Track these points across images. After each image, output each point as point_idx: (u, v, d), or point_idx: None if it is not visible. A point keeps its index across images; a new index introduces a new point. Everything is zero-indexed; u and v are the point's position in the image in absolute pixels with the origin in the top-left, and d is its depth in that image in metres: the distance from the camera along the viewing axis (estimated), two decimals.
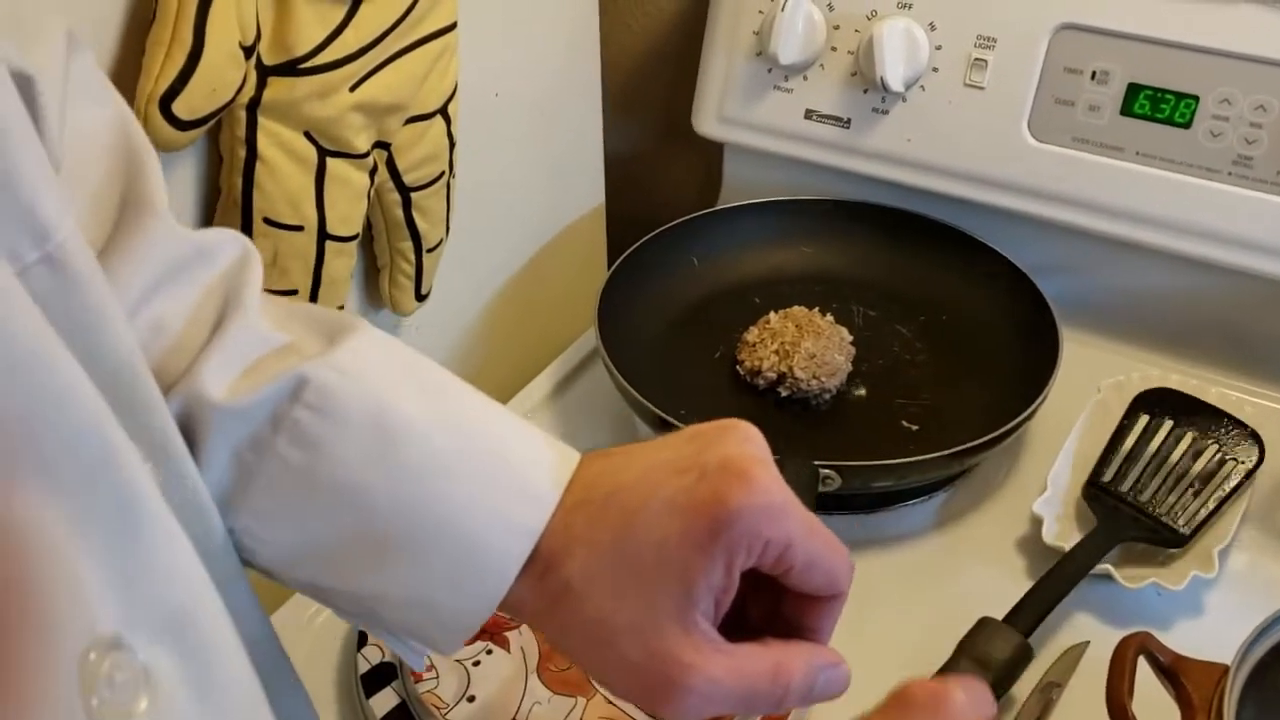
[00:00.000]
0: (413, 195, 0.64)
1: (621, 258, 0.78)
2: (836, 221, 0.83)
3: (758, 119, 0.83)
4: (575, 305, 0.74)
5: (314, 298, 0.59)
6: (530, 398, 0.77)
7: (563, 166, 0.85)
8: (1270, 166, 0.68)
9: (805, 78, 0.80)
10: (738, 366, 0.75)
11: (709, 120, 0.85)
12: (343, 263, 0.60)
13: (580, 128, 0.86)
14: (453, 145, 0.65)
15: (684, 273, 0.82)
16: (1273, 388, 0.74)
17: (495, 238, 0.80)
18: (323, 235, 0.58)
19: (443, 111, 0.63)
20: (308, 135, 0.56)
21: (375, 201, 0.63)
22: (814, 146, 0.82)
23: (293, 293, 0.58)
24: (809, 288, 0.81)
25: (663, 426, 0.66)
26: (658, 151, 1.01)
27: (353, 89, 0.57)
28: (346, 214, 0.59)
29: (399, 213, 0.64)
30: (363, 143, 0.59)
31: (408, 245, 0.66)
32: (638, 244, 0.79)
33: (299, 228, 0.57)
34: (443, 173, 0.65)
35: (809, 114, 0.81)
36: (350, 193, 0.59)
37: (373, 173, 0.61)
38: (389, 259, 0.66)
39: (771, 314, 0.76)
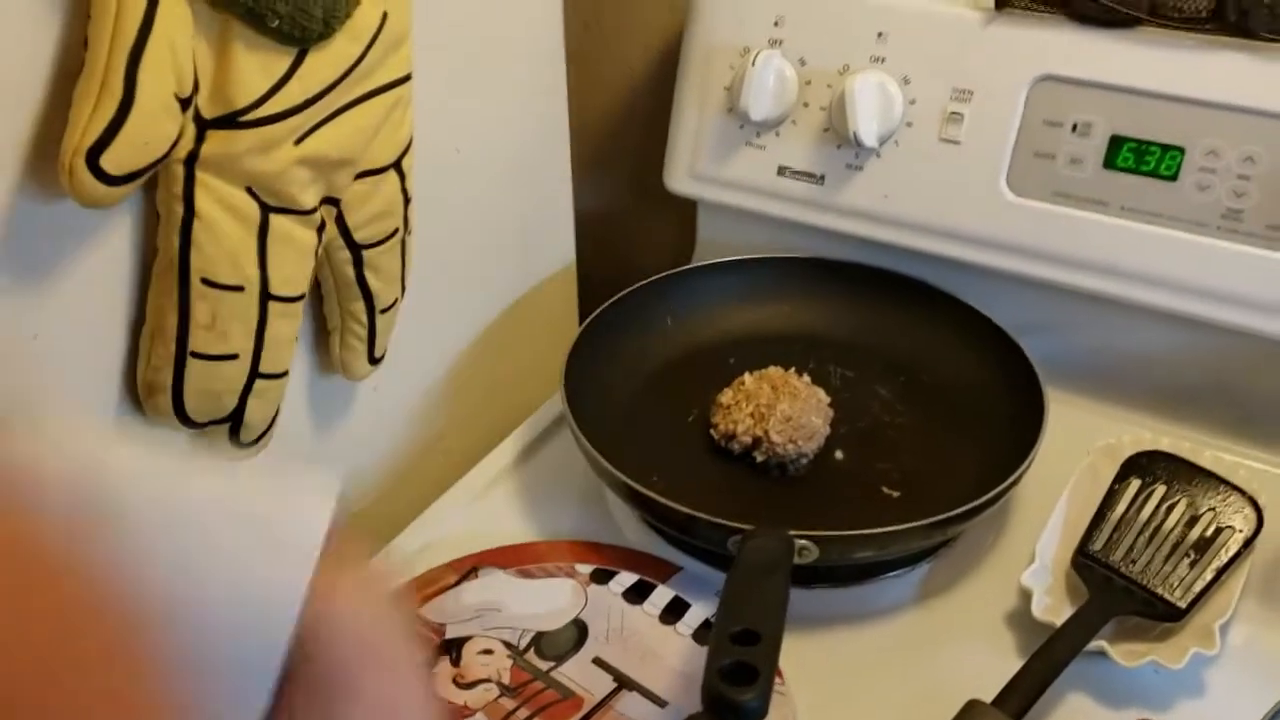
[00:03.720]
0: (364, 253, 0.61)
1: (590, 317, 0.75)
2: (813, 280, 0.80)
3: (730, 176, 0.80)
4: (544, 368, 0.71)
5: (256, 361, 0.56)
6: (494, 465, 0.73)
7: (531, 225, 0.83)
8: (1260, 219, 0.66)
9: (777, 134, 0.78)
10: (711, 430, 0.71)
11: (681, 177, 0.82)
12: (287, 324, 0.57)
13: (549, 185, 0.84)
14: (407, 201, 0.62)
15: (656, 333, 0.79)
16: (1269, 450, 0.71)
17: (459, 298, 0.77)
18: (265, 296, 0.55)
19: (396, 166, 0.61)
20: (250, 191, 0.53)
21: (324, 260, 0.60)
22: (788, 203, 0.79)
23: (233, 357, 0.55)
24: (785, 347, 0.78)
25: (633, 496, 0.63)
26: (630, 210, 0.98)
27: (298, 142, 0.54)
28: (291, 273, 0.56)
29: (350, 271, 0.61)
30: (309, 198, 0.56)
31: (359, 306, 0.63)
32: (607, 303, 0.76)
33: (239, 288, 0.54)
34: (396, 230, 0.62)
35: (782, 170, 0.79)
36: (295, 251, 0.56)
37: (321, 230, 0.58)
38: (340, 320, 0.63)
39: (746, 375, 0.73)
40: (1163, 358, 0.74)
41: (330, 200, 0.58)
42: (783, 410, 0.69)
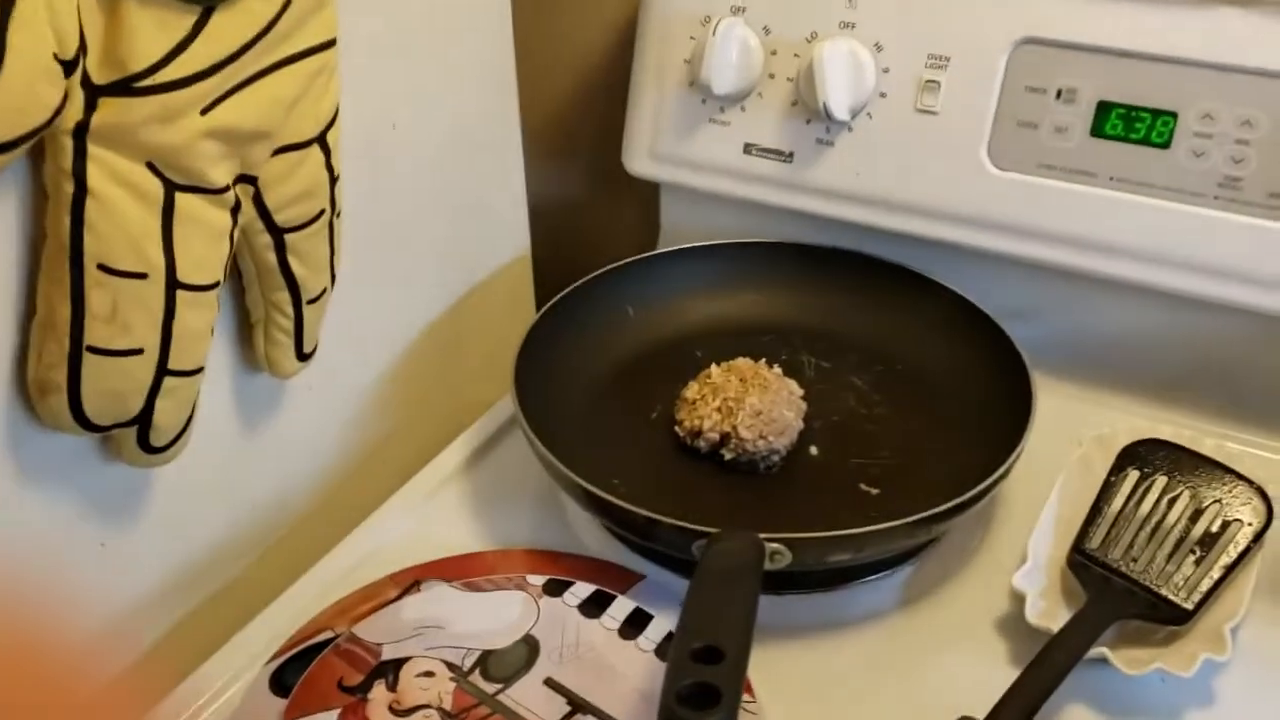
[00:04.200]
0: (287, 237, 0.55)
1: (543, 310, 0.70)
2: (783, 265, 0.75)
3: (693, 155, 0.75)
4: (498, 366, 0.65)
5: (164, 357, 0.50)
6: (441, 470, 0.68)
7: (480, 212, 0.77)
8: (1260, 187, 0.61)
9: (743, 108, 0.73)
10: (676, 427, 0.66)
11: (640, 158, 0.77)
12: (199, 315, 0.51)
13: (499, 168, 0.78)
14: (334, 180, 0.57)
15: (617, 325, 0.73)
16: (1274, 438, 0.66)
17: (402, 290, 0.71)
18: (172, 283, 0.50)
19: (320, 141, 0.55)
20: (151, 167, 0.48)
21: (243, 245, 0.55)
22: (755, 183, 0.74)
23: (137, 352, 0.49)
24: (755, 338, 0.73)
25: (590, 500, 0.58)
26: (590, 197, 0.93)
27: (204, 112, 0.48)
28: (202, 258, 0.51)
29: (271, 257, 0.56)
30: (220, 175, 0.50)
31: (284, 296, 0.57)
32: (562, 294, 0.71)
33: (142, 275, 0.49)
34: (322, 211, 0.56)
35: (748, 148, 0.73)
36: (206, 233, 0.51)
37: (236, 211, 0.52)
38: (263, 312, 0.58)
39: (713, 367, 0.68)
40: (1158, 340, 0.69)
41: (246, 178, 0.52)
42: (752, 404, 0.64)
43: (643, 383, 0.70)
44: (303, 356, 0.60)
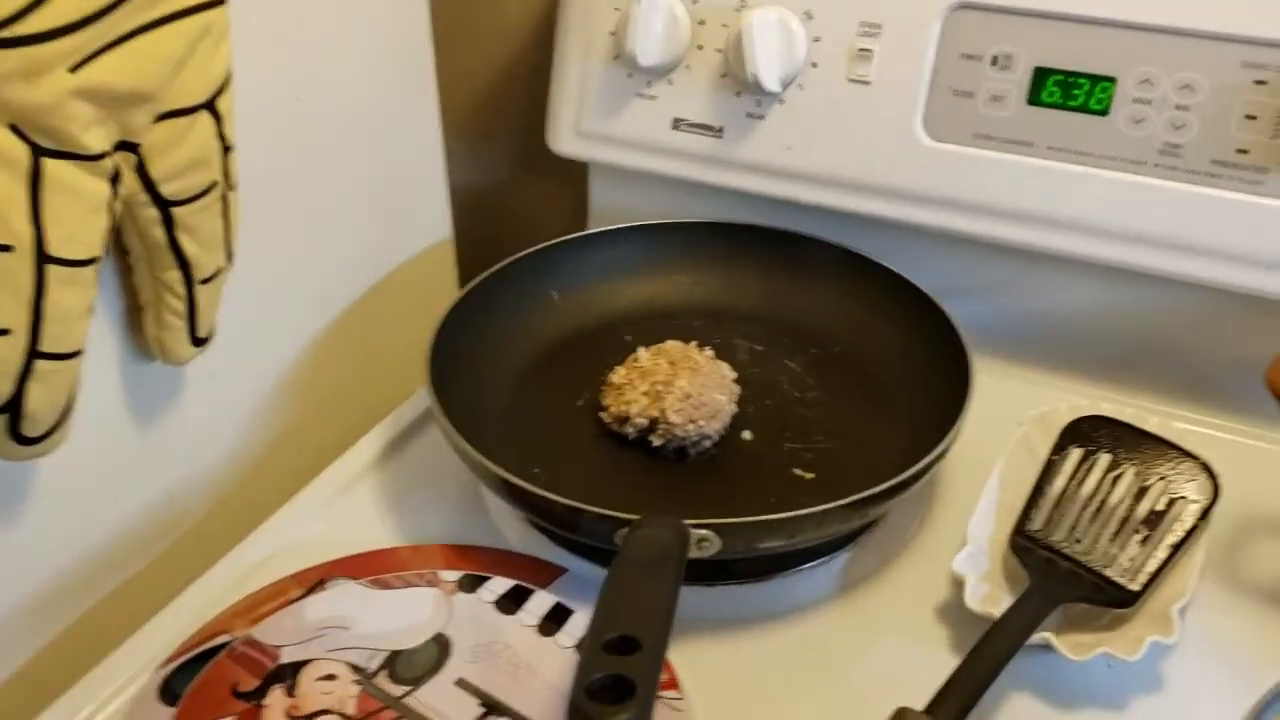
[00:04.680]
0: (174, 211, 0.51)
1: (460, 294, 0.66)
2: (714, 246, 0.72)
3: (620, 132, 0.72)
4: (418, 355, 0.62)
5: (35, 338, 0.46)
6: (353, 464, 0.64)
7: (396, 192, 0.74)
8: (1202, 154, 0.59)
9: (670, 82, 0.70)
10: (602, 414, 0.63)
11: (566, 137, 0.74)
12: (74, 294, 0.47)
13: (415, 146, 0.75)
14: (228, 150, 0.53)
15: (541, 310, 0.70)
16: (1219, 414, 0.64)
17: (312, 273, 0.68)
18: (42, 257, 0.46)
19: (210, 107, 0.51)
20: (15, 129, 0.44)
21: (127, 219, 0.51)
22: (684, 160, 0.71)
23: (3, 332, 0.45)
24: (686, 322, 0.70)
25: (508, 490, 0.54)
26: (517, 179, 0.90)
27: (75, 69, 0.44)
28: (75, 231, 0.47)
29: (159, 233, 0.52)
30: (95, 140, 0.46)
31: (174, 275, 0.53)
32: (481, 277, 0.67)
33: (7, 247, 0.44)
34: (214, 183, 0.53)
35: (677, 123, 0.71)
36: (80, 204, 0.47)
37: (116, 181, 0.48)
38: (153, 293, 0.54)
39: (641, 350, 0.65)
40: (1100, 316, 0.67)
41: (127, 146, 0.49)
42: (681, 387, 0.61)
43: (568, 369, 0.67)
44: (198, 341, 0.56)
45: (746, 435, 0.63)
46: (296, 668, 0.49)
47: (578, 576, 0.55)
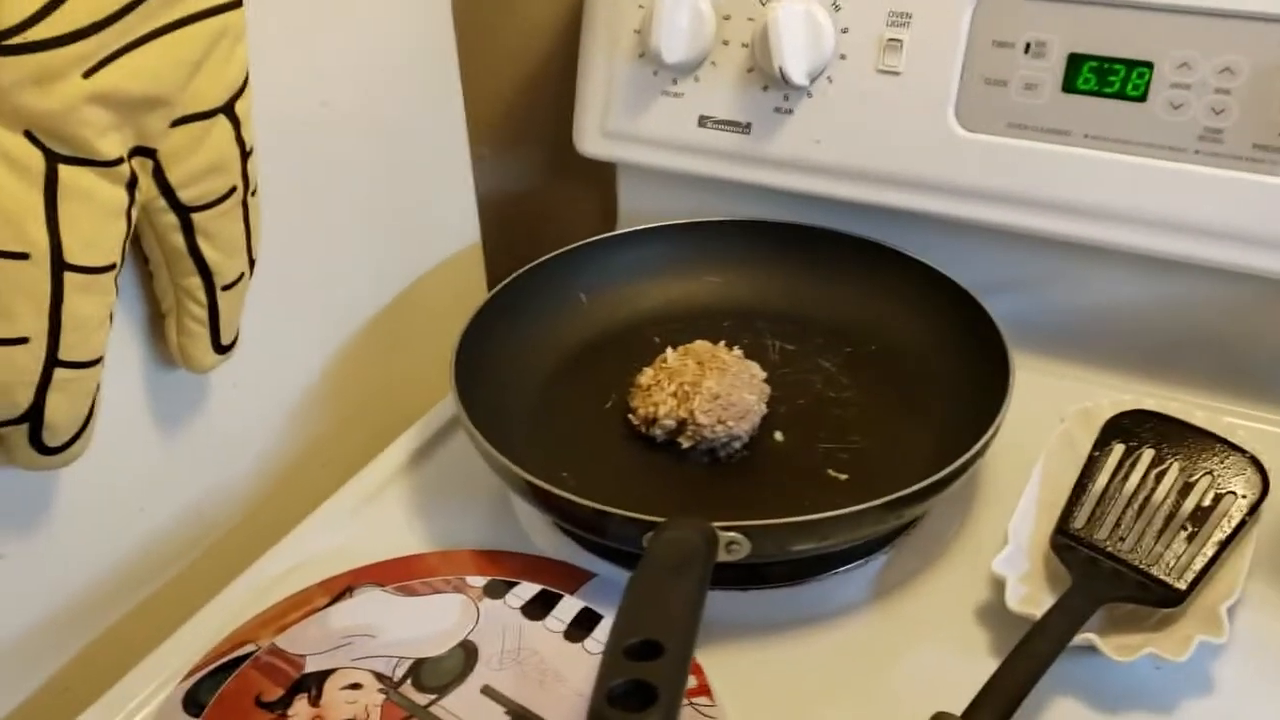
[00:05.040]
0: (194, 217, 0.51)
1: (487, 298, 0.65)
2: (744, 244, 0.71)
3: (647, 131, 0.71)
4: (446, 362, 0.61)
5: (54, 347, 0.46)
6: (381, 471, 0.63)
7: (424, 198, 0.73)
8: (1243, 139, 0.57)
9: (696, 79, 0.69)
10: (630, 416, 0.62)
11: (592, 137, 0.73)
12: (93, 301, 0.47)
13: (442, 152, 0.74)
14: (247, 154, 0.52)
15: (568, 313, 0.69)
16: (1267, 407, 0.62)
17: (339, 280, 0.67)
18: (59, 265, 0.45)
19: (228, 111, 0.51)
20: (30, 136, 0.44)
21: (146, 226, 0.51)
22: (712, 158, 0.70)
23: (22, 341, 0.45)
24: (716, 322, 0.69)
25: (535, 494, 0.53)
26: (547, 183, 0.89)
27: (88, 75, 0.44)
28: (93, 238, 0.46)
29: (179, 239, 0.51)
30: (110, 147, 0.46)
31: (195, 281, 0.53)
32: (507, 281, 0.67)
33: (23, 255, 0.44)
34: (234, 188, 0.52)
35: (703, 121, 0.69)
36: (97, 210, 0.46)
37: (133, 187, 0.48)
38: (174, 300, 0.53)
39: (669, 351, 0.64)
40: (1142, 308, 0.65)
41: (144, 151, 0.48)
42: (709, 387, 0.60)
43: (596, 371, 0.66)
44: (220, 349, 0.56)
45: (778, 436, 0.61)
46: (321, 677, 0.48)
47: (607, 581, 0.54)
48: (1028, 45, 0.61)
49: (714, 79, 0.68)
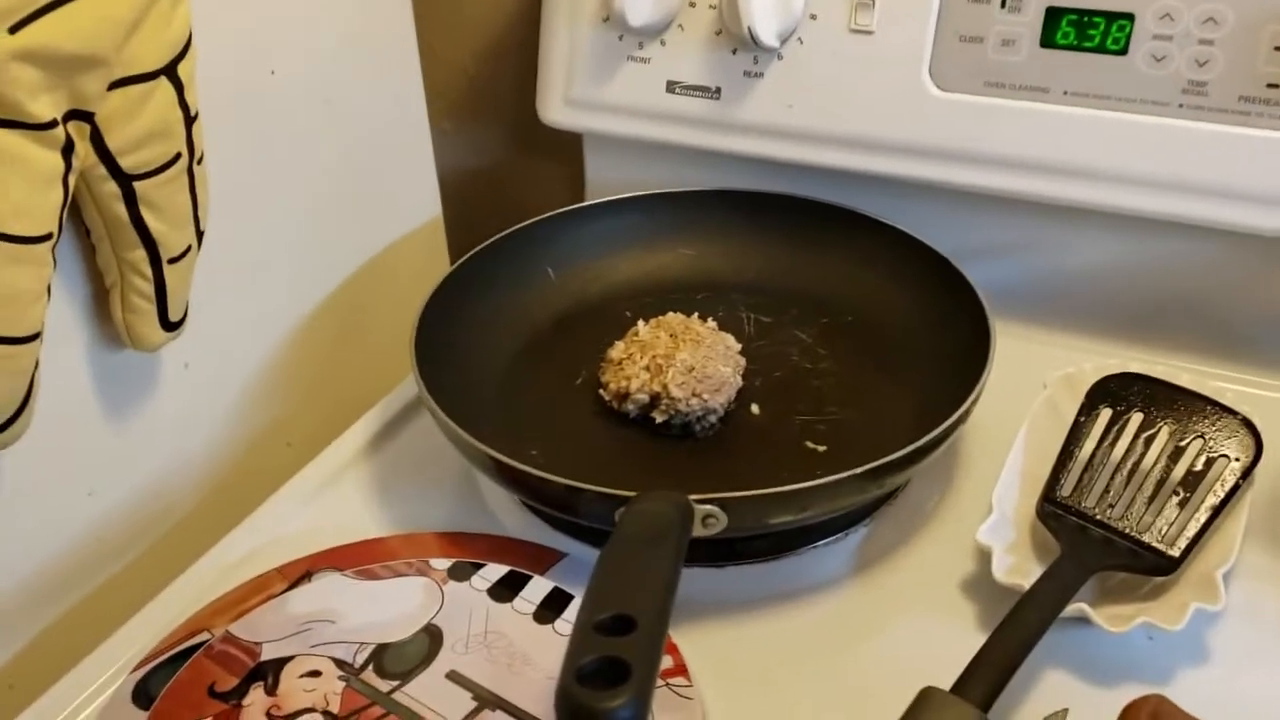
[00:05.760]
0: (136, 186, 0.48)
1: (448, 272, 0.63)
2: (716, 215, 0.69)
3: (612, 98, 0.69)
4: (408, 340, 0.59)
5: None
6: (342, 452, 0.61)
7: (381, 170, 0.70)
8: (1229, 91, 0.55)
9: (663, 42, 0.67)
10: (601, 391, 0.60)
11: (556, 106, 0.71)
12: (27, 272, 0.44)
13: (400, 123, 0.71)
14: (191, 119, 0.50)
15: (536, 287, 0.67)
16: (1256, 369, 0.61)
17: (295, 255, 0.65)
18: None
19: (170, 73, 0.48)
20: None
21: (85, 195, 0.48)
22: (681, 125, 0.68)
23: None
24: (689, 295, 0.67)
25: (501, 472, 0.51)
26: (514, 159, 0.86)
27: (14, 30, 0.42)
28: (25, 205, 0.44)
29: (120, 209, 0.49)
30: (42, 108, 0.43)
31: (139, 254, 0.50)
32: (469, 254, 0.64)
33: None
34: (178, 155, 0.50)
35: (671, 86, 0.67)
36: (29, 175, 0.44)
37: (69, 152, 0.45)
38: (118, 274, 0.51)
39: (640, 324, 0.62)
40: (1124, 272, 0.63)
41: (80, 115, 0.46)
42: (683, 360, 0.58)
43: (566, 348, 0.64)
44: (169, 326, 0.53)
45: (755, 409, 0.59)
46: (278, 665, 0.46)
47: (578, 561, 0.52)
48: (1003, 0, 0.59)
49: (681, 43, 0.66)
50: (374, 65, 0.68)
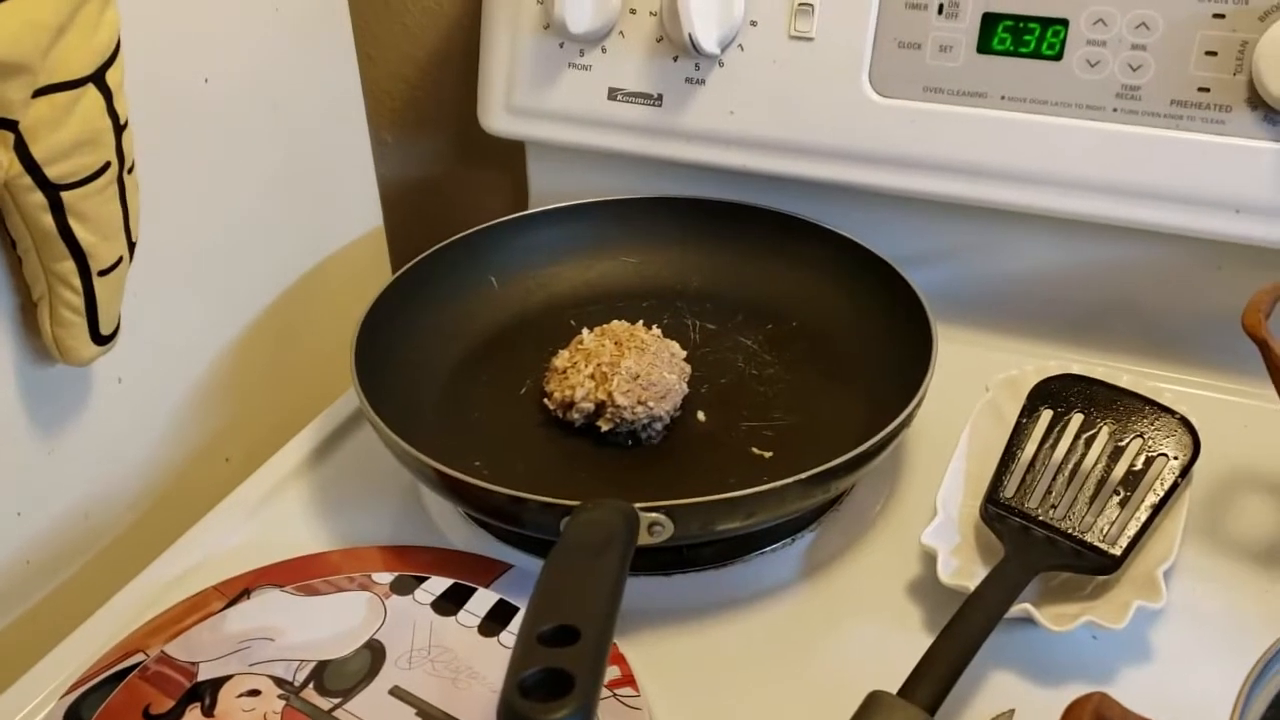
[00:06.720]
0: (64, 196, 0.47)
1: (389, 283, 0.62)
2: (660, 222, 0.69)
3: (554, 106, 0.68)
4: (349, 353, 0.58)
5: None
6: (281, 468, 0.60)
7: (319, 180, 0.69)
8: (1161, 95, 0.56)
9: (604, 50, 0.66)
10: (546, 401, 0.59)
11: (497, 114, 0.70)
12: None
13: (338, 134, 0.70)
14: (121, 128, 0.49)
15: (478, 297, 0.66)
16: (1193, 370, 0.62)
17: (228, 266, 0.63)
18: None
19: (98, 81, 0.47)
20: None
21: (9, 205, 0.47)
22: (623, 133, 0.67)
23: None
24: (634, 303, 0.66)
25: (444, 484, 0.50)
26: (457, 170, 0.86)
27: None
28: None
29: (47, 220, 0.47)
30: None
31: (68, 266, 0.49)
32: (411, 264, 0.64)
33: None
34: (107, 164, 0.48)
35: (613, 93, 0.67)
36: None
37: None
38: (45, 287, 0.49)
39: (585, 332, 0.61)
40: (1063, 276, 0.64)
41: (3, 123, 0.44)
42: (628, 367, 0.57)
43: (509, 357, 0.63)
44: (100, 339, 0.52)
45: (701, 416, 0.59)
46: (215, 685, 0.45)
47: (523, 572, 0.51)
48: (941, 6, 0.59)
49: (622, 49, 0.66)
50: (312, 74, 0.67)
